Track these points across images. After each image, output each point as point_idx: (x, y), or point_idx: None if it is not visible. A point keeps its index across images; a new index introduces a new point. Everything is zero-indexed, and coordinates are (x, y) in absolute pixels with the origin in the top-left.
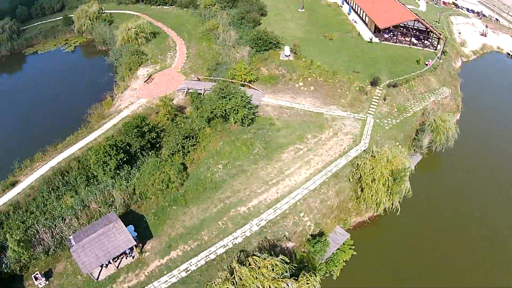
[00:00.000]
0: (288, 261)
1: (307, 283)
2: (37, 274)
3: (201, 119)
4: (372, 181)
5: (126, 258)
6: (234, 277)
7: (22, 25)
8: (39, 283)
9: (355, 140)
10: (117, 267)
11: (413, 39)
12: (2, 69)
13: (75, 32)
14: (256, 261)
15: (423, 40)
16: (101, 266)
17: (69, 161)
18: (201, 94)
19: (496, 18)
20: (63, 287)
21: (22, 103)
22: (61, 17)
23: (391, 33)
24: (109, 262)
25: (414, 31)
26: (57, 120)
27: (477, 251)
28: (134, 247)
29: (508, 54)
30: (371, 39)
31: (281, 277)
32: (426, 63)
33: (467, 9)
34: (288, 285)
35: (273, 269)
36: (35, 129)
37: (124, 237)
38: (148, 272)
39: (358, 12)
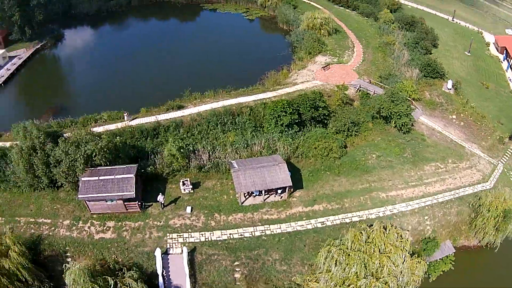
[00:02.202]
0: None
1: (417, 264)
2: (186, 180)
3: (366, 114)
4: (486, 212)
5: (275, 196)
6: (362, 234)
7: None
8: (184, 188)
9: (483, 178)
10: (264, 200)
11: None
12: (178, 15)
13: (257, 4)
14: (386, 226)
15: None
16: (250, 194)
17: (242, 107)
18: (369, 94)
19: None
20: (206, 199)
21: (200, 48)
22: None
23: None
24: (260, 194)
25: None
26: (232, 71)
27: None
28: (287, 189)
29: None
30: None
31: (401, 246)
32: None
33: None
34: (401, 256)
35: (396, 239)
36: (209, 72)
37: (284, 177)
38: (289, 214)
39: None
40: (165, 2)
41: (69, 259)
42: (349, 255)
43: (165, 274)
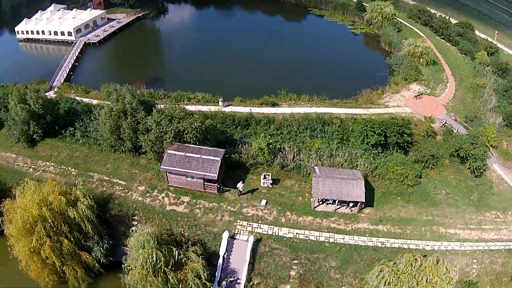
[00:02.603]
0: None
1: None
2: (268, 174)
3: (446, 150)
4: None
5: (346, 208)
6: (417, 261)
7: None
8: (264, 182)
9: None
10: (335, 210)
11: None
12: (284, 14)
13: (363, 20)
14: (439, 260)
15: None
16: (324, 201)
17: (333, 117)
18: (453, 131)
19: None
20: (282, 196)
21: (300, 50)
22: (356, 0)
23: None
24: (333, 203)
25: None
26: (328, 80)
27: None
28: (359, 204)
29: None
30: None
31: (446, 281)
32: None
33: None
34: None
35: (444, 273)
36: (305, 75)
37: (359, 192)
38: (355, 227)
39: None
40: None
41: (135, 223)
42: (399, 277)
43: (226, 257)
